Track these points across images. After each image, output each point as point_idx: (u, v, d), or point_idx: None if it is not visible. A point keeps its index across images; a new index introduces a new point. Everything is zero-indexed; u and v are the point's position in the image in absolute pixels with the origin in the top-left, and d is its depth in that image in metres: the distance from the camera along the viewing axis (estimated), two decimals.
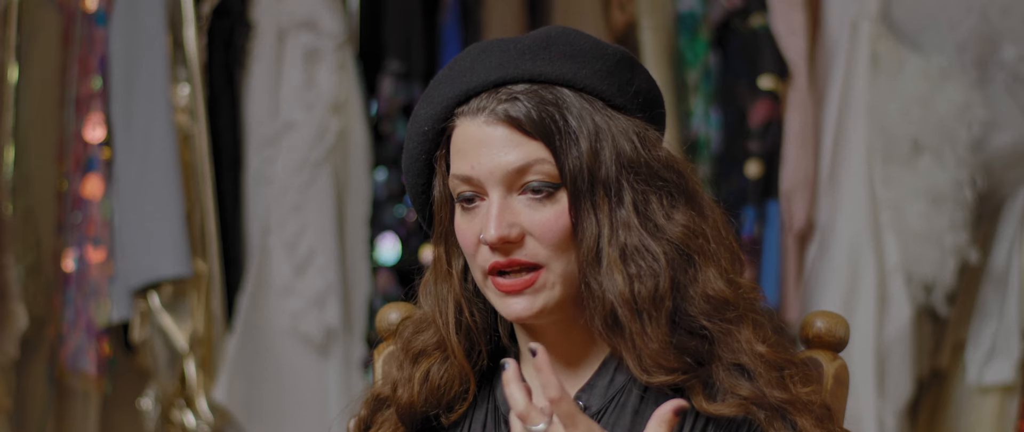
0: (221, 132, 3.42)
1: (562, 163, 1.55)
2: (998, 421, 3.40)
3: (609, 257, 1.55)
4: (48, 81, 3.44)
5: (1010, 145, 3.39)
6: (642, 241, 1.55)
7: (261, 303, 3.37)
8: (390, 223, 3.40)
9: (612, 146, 1.56)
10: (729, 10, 3.43)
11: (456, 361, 1.64)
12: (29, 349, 3.37)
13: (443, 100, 1.60)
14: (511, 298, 1.57)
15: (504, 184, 1.56)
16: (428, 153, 1.62)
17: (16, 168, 3.39)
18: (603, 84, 1.59)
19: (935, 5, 3.42)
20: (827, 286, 3.37)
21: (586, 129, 1.56)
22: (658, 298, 1.54)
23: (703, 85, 3.48)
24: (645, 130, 1.59)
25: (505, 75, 1.58)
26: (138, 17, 3.33)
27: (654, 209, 1.57)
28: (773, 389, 1.54)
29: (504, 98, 1.57)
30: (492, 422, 1.66)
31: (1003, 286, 3.42)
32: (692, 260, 1.56)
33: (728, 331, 1.56)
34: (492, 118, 1.57)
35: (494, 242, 1.55)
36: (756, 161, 3.39)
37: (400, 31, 3.43)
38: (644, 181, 1.57)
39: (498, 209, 1.56)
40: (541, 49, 1.59)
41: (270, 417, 3.38)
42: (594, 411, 1.61)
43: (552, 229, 1.56)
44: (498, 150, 1.56)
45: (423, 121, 1.62)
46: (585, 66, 1.58)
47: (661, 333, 1.54)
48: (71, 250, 3.39)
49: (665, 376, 1.54)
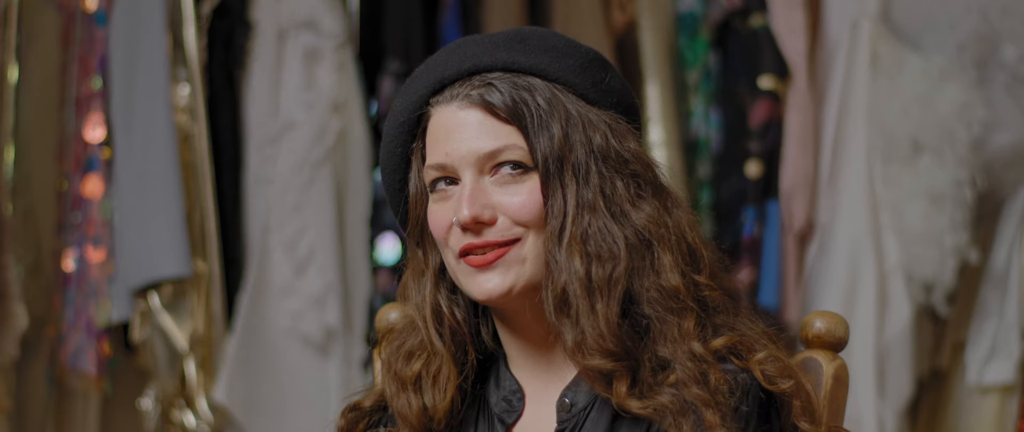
0: (221, 132, 3.42)
1: (534, 146, 1.58)
2: (998, 421, 3.40)
3: (571, 236, 1.56)
4: (48, 81, 3.43)
5: (1010, 145, 3.39)
6: (605, 224, 1.57)
7: (261, 303, 3.37)
8: (390, 223, 3.40)
9: (583, 132, 1.59)
10: (729, 10, 3.43)
11: (444, 368, 1.64)
12: (29, 349, 3.37)
13: (418, 90, 1.63)
14: (482, 274, 1.58)
15: (477, 167, 1.59)
16: (404, 145, 1.64)
17: (16, 168, 3.39)
18: (576, 78, 1.61)
19: (935, 5, 3.42)
20: (827, 286, 3.37)
21: (558, 114, 1.58)
22: (613, 281, 1.56)
23: (703, 85, 3.48)
24: (617, 123, 1.62)
25: (479, 64, 1.61)
26: (138, 17, 3.33)
27: (621, 196, 1.59)
28: (691, 386, 1.54)
29: (478, 84, 1.60)
30: (486, 423, 1.66)
31: (1003, 286, 3.42)
32: (651, 248, 1.58)
33: (666, 320, 1.56)
34: (466, 103, 1.59)
35: (467, 222, 1.57)
36: (756, 161, 3.39)
37: (400, 31, 3.43)
38: (613, 169, 1.59)
39: (470, 190, 1.58)
40: (515, 42, 1.62)
41: (270, 417, 3.38)
42: (581, 408, 1.61)
43: (525, 205, 1.58)
44: (472, 134, 1.59)
45: (399, 113, 1.64)
46: (558, 60, 1.61)
47: (610, 314, 1.55)
48: (71, 250, 3.39)
49: (600, 359, 1.55)
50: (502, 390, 1.66)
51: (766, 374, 1.56)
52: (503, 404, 1.65)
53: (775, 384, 1.57)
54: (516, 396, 1.65)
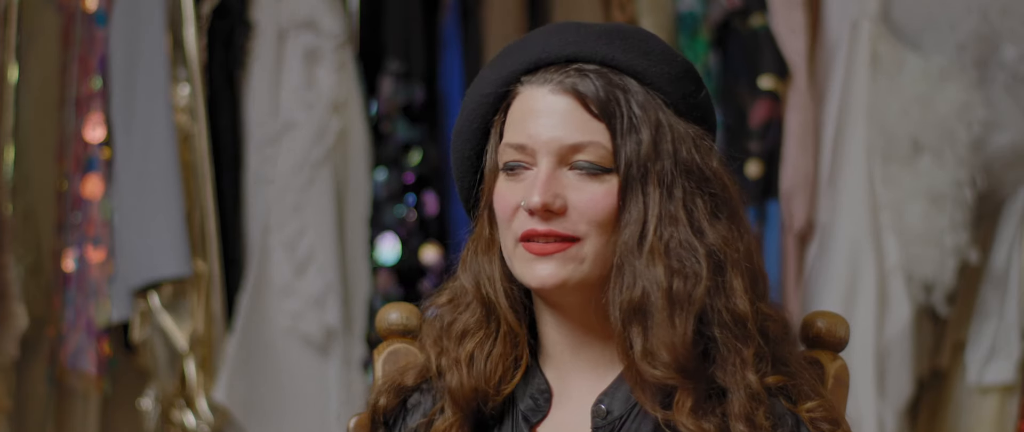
0: (221, 132, 3.42)
1: (619, 147, 1.55)
2: (998, 421, 3.40)
3: (652, 245, 1.54)
4: (48, 81, 3.43)
5: (1010, 145, 3.39)
6: (688, 239, 1.55)
7: (261, 303, 3.37)
8: (390, 223, 3.40)
9: (671, 143, 1.56)
10: (729, 10, 3.43)
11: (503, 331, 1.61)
12: (29, 349, 3.37)
13: (512, 66, 1.59)
14: (539, 262, 1.55)
15: (556, 156, 1.56)
16: (485, 117, 1.61)
17: (16, 168, 3.39)
18: (670, 87, 1.59)
19: (935, 5, 3.42)
20: (827, 286, 3.37)
21: (649, 120, 1.56)
22: (694, 298, 1.54)
23: None
24: (702, 139, 1.60)
25: (579, 52, 1.57)
26: (138, 17, 3.33)
27: (701, 212, 1.57)
28: (739, 423, 1.53)
29: (574, 73, 1.56)
30: (511, 417, 1.64)
31: (1003, 286, 3.42)
32: (724, 270, 1.56)
33: (731, 345, 1.55)
34: (559, 89, 1.56)
35: (537, 208, 1.54)
36: (756, 161, 3.39)
37: (400, 31, 3.43)
38: (696, 184, 1.57)
39: (545, 176, 1.55)
40: (617, 37, 1.59)
41: (270, 417, 3.38)
42: (616, 416, 1.59)
43: (598, 205, 1.55)
44: (558, 122, 1.56)
45: (487, 84, 1.61)
46: (656, 65, 1.58)
47: (688, 331, 1.53)
48: (71, 250, 3.38)
49: (670, 372, 1.53)
50: (531, 387, 1.63)
51: (813, 420, 1.56)
52: (529, 402, 1.63)
53: (821, 431, 1.57)
54: (544, 396, 1.62)
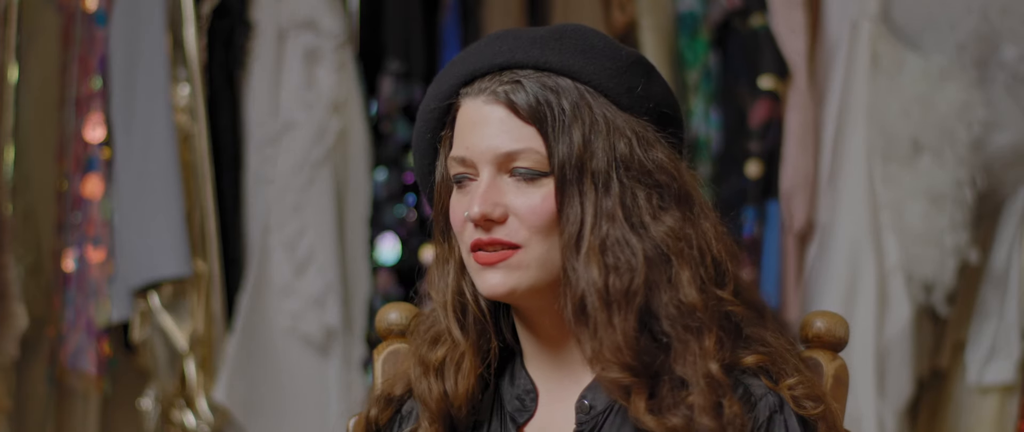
0: (221, 132, 3.42)
1: (552, 151, 1.57)
2: (998, 421, 3.40)
3: (589, 245, 1.56)
4: (48, 81, 3.43)
5: (1010, 145, 3.39)
6: (623, 235, 1.56)
7: (261, 303, 3.37)
8: (390, 223, 3.40)
9: (606, 140, 1.57)
10: (729, 10, 3.43)
11: (471, 340, 1.64)
12: (29, 349, 3.37)
13: (451, 79, 1.63)
14: (487, 271, 1.58)
15: (495, 165, 1.59)
16: (433, 132, 1.65)
17: (16, 168, 3.39)
18: (610, 82, 1.59)
19: (935, 5, 3.42)
20: (827, 286, 3.37)
21: (581, 120, 1.57)
22: (631, 293, 1.55)
23: (703, 85, 3.48)
24: (645, 131, 1.60)
25: (511, 60, 1.60)
26: (138, 17, 3.33)
27: (641, 207, 1.58)
28: (703, 416, 1.53)
29: (507, 81, 1.59)
30: (498, 418, 1.66)
31: (1003, 286, 3.42)
32: (670, 262, 1.57)
33: (686, 341, 1.55)
34: (492, 98, 1.59)
35: (477, 218, 1.57)
36: (756, 161, 3.39)
37: (400, 31, 3.43)
38: (635, 178, 1.58)
39: (485, 187, 1.58)
40: (553, 40, 1.61)
41: (270, 417, 3.38)
42: (599, 411, 1.61)
43: (536, 212, 1.57)
44: (493, 131, 1.58)
45: (431, 99, 1.64)
46: (593, 62, 1.60)
47: (627, 328, 1.55)
48: (71, 250, 3.38)
49: (618, 373, 1.54)
50: (516, 388, 1.66)
51: (795, 398, 1.57)
52: (516, 403, 1.65)
53: (804, 408, 1.57)
54: (529, 396, 1.64)
